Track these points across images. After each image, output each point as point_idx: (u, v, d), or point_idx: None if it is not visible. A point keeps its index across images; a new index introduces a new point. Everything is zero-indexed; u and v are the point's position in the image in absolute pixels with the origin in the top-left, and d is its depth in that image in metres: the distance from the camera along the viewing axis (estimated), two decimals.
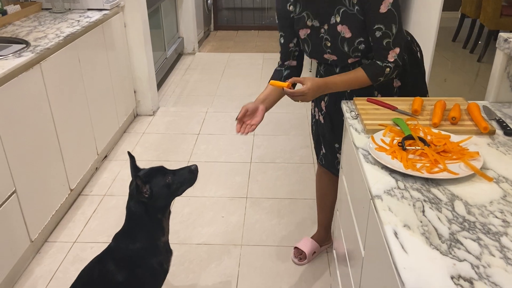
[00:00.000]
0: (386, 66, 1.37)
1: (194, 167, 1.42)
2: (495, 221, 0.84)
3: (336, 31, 1.41)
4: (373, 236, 0.97)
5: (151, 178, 1.35)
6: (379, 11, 1.31)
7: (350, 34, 1.38)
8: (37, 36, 2.13)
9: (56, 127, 2.08)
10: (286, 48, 1.59)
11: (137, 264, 1.36)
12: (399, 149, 1.06)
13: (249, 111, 1.47)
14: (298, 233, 2.13)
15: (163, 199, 1.36)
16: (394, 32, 1.33)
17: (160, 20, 4.01)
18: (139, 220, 1.36)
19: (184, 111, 3.47)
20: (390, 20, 1.32)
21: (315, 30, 1.46)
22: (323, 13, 1.42)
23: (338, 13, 1.38)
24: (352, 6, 1.35)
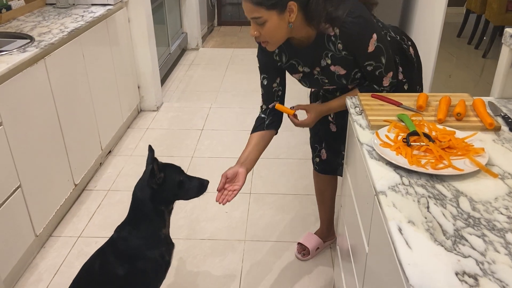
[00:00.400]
0: (382, 90, 1.43)
1: (206, 182, 1.44)
2: (500, 218, 0.84)
3: (330, 71, 1.43)
4: (377, 232, 0.97)
5: (167, 169, 1.37)
6: (367, 51, 1.34)
7: (345, 71, 1.41)
8: (41, 31, 2.14)
9: (60, 122, 2.09)
10: (269, 89, 1.56)
11: (138, 256, 1.37)
12: (403, 145, 1.06)
13: (229, 178, 1.45)
14: (301, 228, 2.14)
15: (170, 193, 1.37)
16: (384, 62, 1.37)
17: (164, 15, 4.01)
18: (143, 208, 1.36)
19: (188, 106, 3.47)
20: (378, 54, 1.35)
21: (307, 74, 1.49)
22: (311, 60, 1.43)
23: (327, 57, 1.40)
24: (339, 52, 1.37)
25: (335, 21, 1.30)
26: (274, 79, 1.55)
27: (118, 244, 1.38)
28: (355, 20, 1.29)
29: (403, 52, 1.52)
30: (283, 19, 1.27)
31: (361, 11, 1.31)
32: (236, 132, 3.05)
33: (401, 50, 1.52)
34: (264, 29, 1.27)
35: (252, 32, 1.31)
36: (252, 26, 1.29)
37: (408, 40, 1.56)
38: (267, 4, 1.23)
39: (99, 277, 1.37)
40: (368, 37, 1.31)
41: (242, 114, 3.32)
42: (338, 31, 1.32)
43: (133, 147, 2.87)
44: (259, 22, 1.26)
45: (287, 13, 1.26)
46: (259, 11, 1.24)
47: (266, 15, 1.24)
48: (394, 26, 1.58)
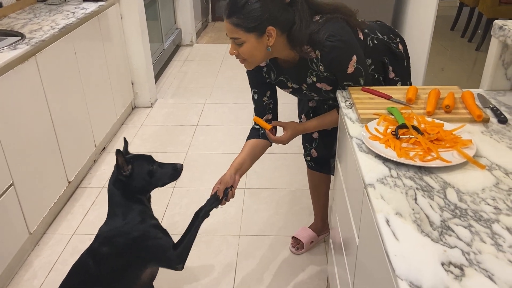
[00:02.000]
0: None
1: (180, 166, 1.45)
2: (487, 208, 0.84)
3: (317, 88, 1.45)
4: (367, 225, 0.98)
5: (135, 160, 1.39)
6: (346, 72, 1.35)
7: (330, 87, 1.44)
8: (32, 28, 2.13)
9: (53, 119, 2.08)
10: (260, 102, 1.59)
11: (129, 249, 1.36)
12: (392, 138, 1.06)
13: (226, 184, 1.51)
14: (296, 223, 2.15)
15: (141, 182, 1.38)
16: (362, 83, 1.38)
17: (157, 11, 3.99)
18: (118, 200, 1.37)
19: (182, 102, 3.47)
20: (357, 76, 1.37)
21: (296, 89, 1.51)
22: (298, 77, 1.46)
23: (312, 75, 1.42)
24: (322, 73, 1.39)
25: (316, 45, 1.33)
26: (264, 93, 1.58)
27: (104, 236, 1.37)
28: (334, 44, 1.31)
29: (391, 51, 1.53)
30: (261, 43, 1.29)
31: (341, 34, 1.32)
32: (231, 128, 3.05)
33: (389, 50, 1.53)
34: (242, 49, 1.31)
35: (231, 51, 1.35)
36: (231, 45, 1.33)
37: (396, 37, 1.56)
38: (247, 27, 1.26)
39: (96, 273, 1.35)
40: (347, 60, 1.33)
41: (236, 109, 3.32)
42: (319, 54, 1.35)
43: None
44: (238, 43, 1.30)
45: (265, 37, 1.29)
46: (238, 33, 1.27)
47: (245, 37, 1.28)
48: (381, 25, 1.58)
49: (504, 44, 1.32)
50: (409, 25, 2.90)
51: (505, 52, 1.33)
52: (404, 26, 2.96)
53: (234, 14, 1.25)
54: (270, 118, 1.62)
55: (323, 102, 1.66)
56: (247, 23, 1.25)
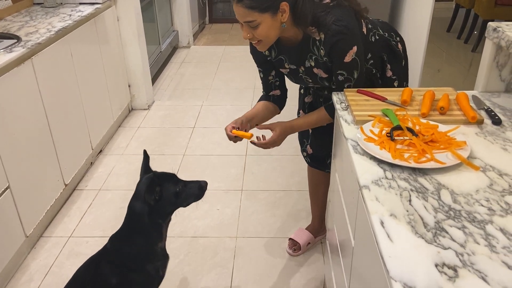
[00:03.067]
0: None
1: (204, 183, 1.40)
2: (480, 209, 0.85)
3: (313, 73, 1.46)
4: (362, 226, 0.98)
5: (163, 181, 1.33)
6: (344, 61, 1.35)
7: (326, 74, 1.44)
8: (28, 31, 2.13)
9: (49, 122, 2.08)
10: (266, 81, 1.63)
11: (132, 268, 1.33)
12: (387, 139, 1.07)
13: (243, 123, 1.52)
14: (293, 224, 2.15)
15: (168, 205, 1.34)
16: (355, 77, 1.38)
17: (154, 13, 3.99)
18: (140, 222, 1.32)
19: (179, 104, 3.47)
20: (352, 67, 1.36)
21: (293, 70, 1.51)
22: (297, 59, 1.46)
23: (311, 59, 1.42)
24: (321, 57, 1.39)
25: (321, 26, 1.32)
26: (269, 72, 1.60)
27: (112, 255, 1.34)
28: (340, 28, 1.30)
29: (391, 49, 1.54)
30: (276, 20, 1.28)
31: (348, 21, 1.32)
32: None
33: (389, 47, 1.53)
34: (258, 31, 1.29)
35: (245, 35, 1.31)
36: (245, 29, 1.30)
37: (396, 36, 1.57)
38: (261, 7, 1.23)
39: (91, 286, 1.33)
40: (347, 48, 1.33)
41: (233, 111, 3.32)
42: (323, 36, 1.34)
43: (124, 146, 2.87)
44: (253, 25, 1.27)
45: (279, 14, 1.27)
46: (253, 15, 1.25)
47: (260, 18, 1.25)
48: (383, 22, 1.59)
49: (498, 46, 1.32)
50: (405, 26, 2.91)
51: (499, 54, 1.34)
52: (401, 27, 2.97)
53: None
54: (278, 94, 1.64)
55: (318, 95, 1.66)
56: (261, 3, 1.23)
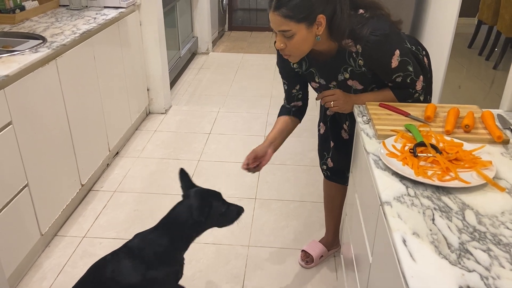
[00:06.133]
0: (415, 92, 1.42)
1: (242, 210, 1.43)
2: (506, 232, 0.83)
3: (347, 85, 1.44)
4: (382, 243, 0.97)
5: (212, 200, 1.38)
6: (391, 67, 1.34)
7: (362, 86, 1.43)
8: (53, 32, 2.16)
9: (69, 122, 2.11)
10: (289, 93, 1.63)
11: (153, 267, 1.33)
12: (410, 155, 1.05)
13: (259, 156, 1.53)
14: (306, 236, 2.13)
15: (211, 224, 1.37)
16: (412, 70, 1.37)
17: (175, 19, 4.04)
18: (178, 231, 1.35)
19: (196, 110, 3.49)
20: (404, 66, 1.35)
21: (323, 85, 1.50)
22: (328, 73, 1.45)
23: (346, 71, 1.41)
24: (359, 67, 1.38)
25: (358, 39, 1.31)
26: (294, 86, 1.60)
27: (136, 252, 1.35)
28: (378, 38, 1.29)
29: (418, 62, 1.52)
30: (311, 32, 1.27)
31: (384, 28, 1.31)
32: (243, 137, 3.05)
33: (417, 60, 1.51)
34: (292, 42, 1.27)
35: (278, 44, 1.30)
36: (279, 38, 1.29)
37: (423, 50, 1.55)
38: (298, 17, 1.22)
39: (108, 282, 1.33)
40: (390, 55, 1.31)
41: (249, 119, 3.33)
42: (360, 48, 1.33)
43: (140, 149, 2.89)
44: (288, 35, 1.26)
45: (315, 26, 1.26)
46: (289, 24, 1.24)
47: (295, 28, 1.24)
48: (409, 36, 1.57)
49: None
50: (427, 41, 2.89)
51: None
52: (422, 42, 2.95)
53: (284, 5, 1.21)
54: (300, 105, 1.65)
55: None
56: (298, 13, 1.22)
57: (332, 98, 1.42)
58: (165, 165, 2.69)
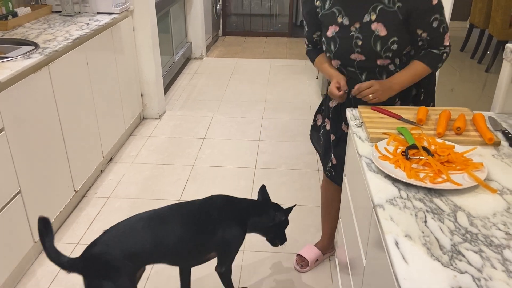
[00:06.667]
0: (443, 52, 1.42)
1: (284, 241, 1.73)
2: (498, 234, 0.83)
3: (370, 30, 1.39)
4: (375, 245, 0.97)
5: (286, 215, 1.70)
6: (432, 4, 1.33)
7: (386, 32, 1.37)
8: (46, 38, 2.16)
9: (62, 128, 2.10)
10: (311, 37, 1.62)
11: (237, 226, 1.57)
12: (402, 158, 1.05)
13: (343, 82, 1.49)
14: (301, 240, 2.13)
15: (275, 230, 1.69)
16: (445, 17, 1.38)
17: (169, 24, 4.04)
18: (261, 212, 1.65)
19: (190, 115, 3.48)
20: (441, 7, 1.36)
21: (344, 28, 1.43)
22: (356, 10, 1.40)
23: (374, 11, 1.37)
24: (393, 4, 1.35)
25: None
26: (314, 31, 1.59)
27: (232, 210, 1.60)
28: None
29: None
30: None
31: None
32: (238, 142, 3.05)
33: None
34: None
35: None
36: None
37: None
38: None
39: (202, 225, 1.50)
40: None
41: (244, 124, 3.33)
42: None
43: (134, 154, 2.88)
44: None
45: None
46: None
47: None
48: None
49: None
50: None
51: None
52: None
53: None
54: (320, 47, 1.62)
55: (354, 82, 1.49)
56: None
57: (371, 91, 1.38)
58: (160, 171, 2.68)
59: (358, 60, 1.45)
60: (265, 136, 3.13)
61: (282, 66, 4.67)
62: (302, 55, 5.14)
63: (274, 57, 5.04)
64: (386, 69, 1.46)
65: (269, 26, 6.25)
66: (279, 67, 4.65)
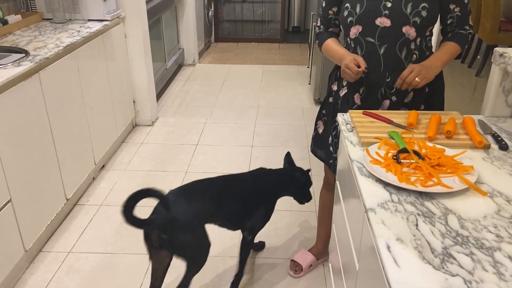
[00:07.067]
0: (469, 33, 1.45)
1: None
2: (488, 236, 0.84)
3: None
4: (367, 249, 0.97)
5: None
6: None
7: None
8: (36, 45, 2.15)
9: (53, 136, 2.09)
10: (326, 14, 1.57)
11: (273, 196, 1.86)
12: (393, 162, 1.06)
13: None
14: (294, 245, 2.12)
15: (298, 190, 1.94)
16: None
17: (160, 31, 4.05)
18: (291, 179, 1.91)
19: (183, 121, 3.48)
20: None
21: None
22: None
23: None
24: None
25: None
26: (331, 6, 1.54)
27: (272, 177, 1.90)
28: None
29: None
30: None
31: None
32: (231, 148, 3.05)
33: None
34: None
35: None
36: None
37: None
38: None
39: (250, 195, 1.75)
40: None
41: (236, 129, 3.33)
42: None
43: (127, 161, 2.86)
44: None
45: None
46: None
47: None
48: None
49: (505, 71, 1.33)
50: None
51: (506, 79, 1.35)
52: None
53: None
54: (337, 32, 1.61)
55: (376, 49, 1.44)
56: None
57: (415, 73, 1.33)
58: (152, 178, 2.67)
59: (382, 26, 1.39)
60: (258, 141, 3.13)
61: (275, 72, 4.69)
62: (295, 60, 5.16)
63: (267, 63, 5.06)
64: (407, 43, 1.40)
65: (261, 32, 6.28)
66: (272, 72, 4.67)
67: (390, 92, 1.47)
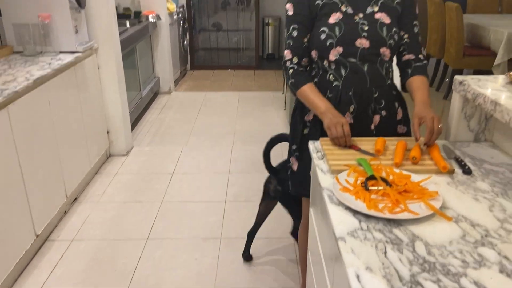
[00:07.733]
0: (424, 63, 1.51)
1: None
2: (454, 262, 0.85)
3: (374, 18, 1.44)
4: (340, 279, 0.97)
5: None
6: (415, 11, 1.48)
7: (389, 20, 1.44)
8: (6, 79, 2.12)
9: (22, 170, 2.03)
10: (300, 42, 1.49)
11: None
12: (362, 189, 1.07)
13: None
14: (274, 273, 2.10)
15: None
16: None
17: (135, 60, 4.06)
18: None
19: (159, 150, 3.45)
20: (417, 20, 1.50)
21: (348, 16, 1.44)
22: (359, 1, 1.44)
23: (376, 4, 1.45)
24: (392, 1, 1.46)
25: None
26: (305, 33, 1.49)
27: None
28: None
29: None
30: None
31: None
32: (207, 175, 3.03)
33: None
34: None
35: None
36: None
37: None
38: None
39: None
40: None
41: (213, 157, 3.32)
42: None
43: (100, 193, 2.81)
44: None
45: None
46: None
47: None
48: None
49: (465, 98, 1.38)
50: None
51: (466, 106, 1.40)
52: None
53: None
54: (307, 64, 1.53)
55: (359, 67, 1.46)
56: None
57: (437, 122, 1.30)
58: (126, 209, 2.62)
59: (362, 48, 1.43)
60: (234, 168, 3.13)
61: (250, 98, 4.74)
62: (270, 87, 5.24)
63: (242, 89, 5.12)
64: (383, 63, 1.47)
65: (237, 60, 6.37)
66: (248, 99, 4.71)
67: (379, 107, 1.50)
